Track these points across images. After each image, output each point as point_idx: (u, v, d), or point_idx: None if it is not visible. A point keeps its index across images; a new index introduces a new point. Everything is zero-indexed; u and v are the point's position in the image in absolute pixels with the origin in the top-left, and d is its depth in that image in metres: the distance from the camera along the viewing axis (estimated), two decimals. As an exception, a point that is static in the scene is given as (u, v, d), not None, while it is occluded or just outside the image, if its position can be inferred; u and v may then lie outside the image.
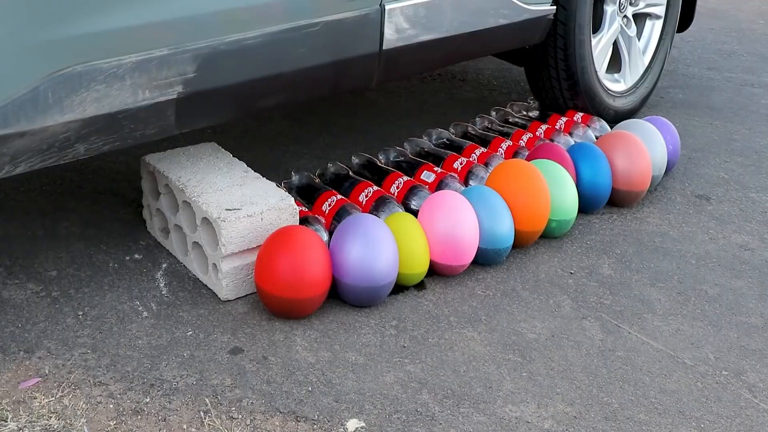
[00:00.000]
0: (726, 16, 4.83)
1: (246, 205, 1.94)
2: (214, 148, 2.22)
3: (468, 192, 2.17)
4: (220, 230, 1.87)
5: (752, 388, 1.78)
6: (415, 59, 2.35)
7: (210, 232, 1.94)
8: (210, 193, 1.97)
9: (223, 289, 1.92)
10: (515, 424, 1.62)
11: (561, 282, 2.12)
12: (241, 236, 1.90)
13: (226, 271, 1.90)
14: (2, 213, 2.27)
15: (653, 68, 3.18)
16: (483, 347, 1.85)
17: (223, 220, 1.87)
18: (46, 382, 1.65)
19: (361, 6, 2.07)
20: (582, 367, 1.81)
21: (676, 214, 2.50)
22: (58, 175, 2.48)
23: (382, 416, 1.62)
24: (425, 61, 2.47)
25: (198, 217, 1.95)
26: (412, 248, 1.98)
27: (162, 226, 2.15)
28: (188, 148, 2.20)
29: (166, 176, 2.05)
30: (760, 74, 3.86)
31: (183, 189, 1.99)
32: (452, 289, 2.05)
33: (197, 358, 1.75)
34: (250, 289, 1.96)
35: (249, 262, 1.93)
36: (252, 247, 1.93)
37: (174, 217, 2.06)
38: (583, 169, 2.39)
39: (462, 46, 2.46)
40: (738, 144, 3.05)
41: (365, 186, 2.23)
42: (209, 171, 2.08)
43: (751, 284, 2.17)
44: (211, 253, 1.93)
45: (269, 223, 1.94)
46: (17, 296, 1.92)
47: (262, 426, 1.57)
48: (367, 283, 1.89)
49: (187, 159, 2.13)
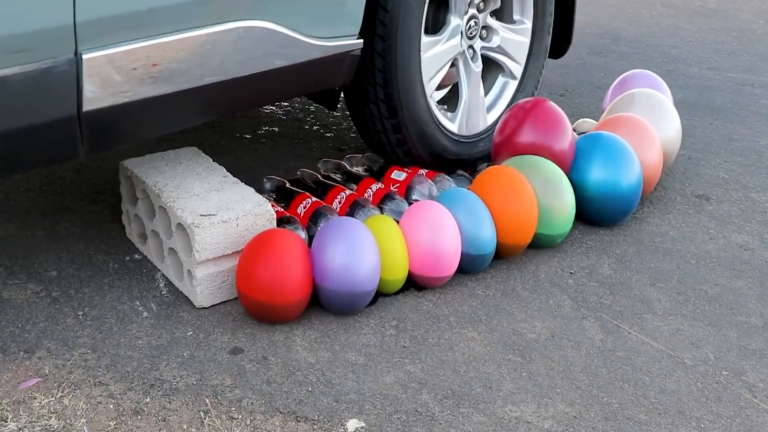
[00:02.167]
0: (726, 16, 4.83)
1: (222, 211, 1.90)
2: (194, 153, 2.18)
3: (446, 196, 2.11)
4: (194, 236, 1.84)
5: (752, 388, 1.78)
6: (143, 120, 1.84)
7: (185, 238, 1.91)
8: (186, 198, 1.94)
9: (198, 296, 1.89)
10: (515, 424, 1.62)
11: (561, 282, 2.12)
12: (215, 242, 1.87)
13: (200, 277, 1.87)
14: (2, 213, 2.27)
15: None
16: (483, 347, 1.85)
17: (197, 225, 1.84)
18: (46, 382, 1.65)
19: (40, 58, 1.57)
20: (582, 367, 1.81)
21: (676, 214, 2.50)
22: (58, 175, 2.48)
23: (382, 416, 1.62)
24: (165, 121, 1.92)
25: (173, 223, 1.92)
26: (393, 253, 1.93)
27: (140, 231, 2.12)
28: (168, 153, 2.16)
29: (143, 181, 2.02)
30: (760, 74, 3.86)
31: (159, 194, 1.96)
32: (452, 289, 2.05)
33: (197, 358, 1.75)
34: (226, 296, 1.92)
35: (224, 269, 1.90)
36: (228, 253, 1.89)
37: (151, 222, 2.03)
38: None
39: (221, 97, 1.94)
40: (738, 144, 3.05)
41: (339, 190, 2.22)
42: (187, 176, 2.05)
43: (751, 284, 2.17)
44: (185, 259, 1.90)
45: (245, 229, 1.90)
46: (17, 296, 1.92)
47: (262, 426, 1.57)
48: (349, 288, 1.85)
49: (166, 164, 2.10)
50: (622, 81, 2.92)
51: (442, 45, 2.36)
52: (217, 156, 2.31)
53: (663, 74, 3.26)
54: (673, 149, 2.64)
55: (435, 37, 2.34)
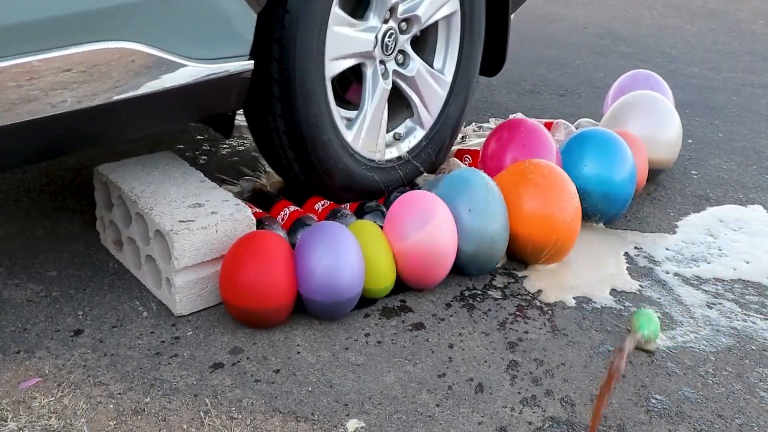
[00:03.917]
0: (726, 16, 4.83)
1: (200, 217, 1.87)
2: (170, 157, 2.14)
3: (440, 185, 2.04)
4: (173, 243, 1.81)
5: (752, 387, 1.78)
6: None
7: (163, 245, 1.87)
8: (163, 204, 1.91)
9: (177, 304, 1.86)
10: (515, 424, 1.62)
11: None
12: (195, 249, 1.83)
13: (179, 285, 1.84)
14: (2, 213, 2.27)
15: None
16: (483, 347, 1.85)
17: (176, 232, 1.81)
18: (46, 382, 1.65)
19: None
20: (582, 367, 1.81)
21: (676, 214, 2.50)
22: (58, 175, 2.48)
23: (382, 416, 1.62)
24: (7, 155, 1.70)
25: (151, 230, 1.89)
26: (379, 260, 1.91)
27: (115, 238, 2.08)
28: (143, 158, 2.12)
29: (118, 187, 1.98)
30: (760, 74, 3.86)
31: (136, 200, 1.92)
32: (452, 289, 2.05)
33: (197, 358, 1.75)
34: (206, 303, 1.90)
35: (204, 276, 1.87)
36: (207, 259, 1.87)
37: (127, 229, 2.00)
38: None
39: (82, 127, 1.70)
40: (738, 144, 3.05)
41: (285, 205, 2.16)
42: (164, 181, 2.00)
43: (751, 284, 2.18)
44: (164, 266, 1.87)
45: (225, 235, 1.87)
46: (17, 296, 1.92)
47: (262, 426, 1.58)
48: (333, 298, 1.82)
49: (142, 169, 2.06)
50: (623, 81, 2.92)
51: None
52: (193, 161, 2.29)
53: (663, 74, 3.27)
54: (673, 152, 2.65)
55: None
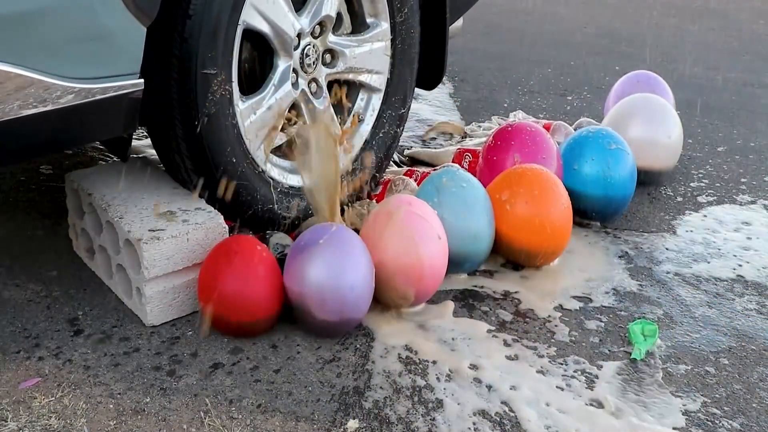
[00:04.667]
0: (726, 16, 4.83)
1: (171, 225, 1.83)
2: (143, 164, 2.09)
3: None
4: (143, 253, 1.76)
5: (752, 387, 1.78)
6: None
7: (133, 255, 1.83)
8: (134, 212, 1.86)
9: (148, 314, 1.82)
10: (515, 425, 1.62)
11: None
12: (165, 258, 1.79)
13: (149, 295, 1.80)
14: (2, 213, 2.27)
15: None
16: (483, 344, 1.85)
17: (146, 242, 1.77)
18: (46, 382, 1.65)
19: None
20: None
21: (676, 214, 2.50)
22: (58, 175, 2.48)
23: (382, 416, 1.62)
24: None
25: (121, 239, 1.85)
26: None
27: (87, 246, 2.04)
28: (117, 164, 2.07)
29: (89, 194, 1.94)
30: (760, 74, 3.86)
31: (106, 208, 1.88)
32: (452, 289, 2.05)
33: (197, 357, 1.75)
34: (177, 314, 1.86)
35: (175, 285, 1.84)
36: (179, 269, 1.82)
37: (98, 237, 1.95)
38: None
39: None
40: (738, 144, 3.05)
41: None
42: (135, 189, 1.95)
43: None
44: (134, 276, 1.83)
45: (196, 243, 1.83)
46: (17, 296, 1.92)
47: (262, 426, 1.58)
48: (337, 317, 1.76)
49: (114, 176, 2.01)
50: (624, 83, 2.92)
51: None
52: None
53: (663, 74, 3.27)
54: (674, 153, 2.65)
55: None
